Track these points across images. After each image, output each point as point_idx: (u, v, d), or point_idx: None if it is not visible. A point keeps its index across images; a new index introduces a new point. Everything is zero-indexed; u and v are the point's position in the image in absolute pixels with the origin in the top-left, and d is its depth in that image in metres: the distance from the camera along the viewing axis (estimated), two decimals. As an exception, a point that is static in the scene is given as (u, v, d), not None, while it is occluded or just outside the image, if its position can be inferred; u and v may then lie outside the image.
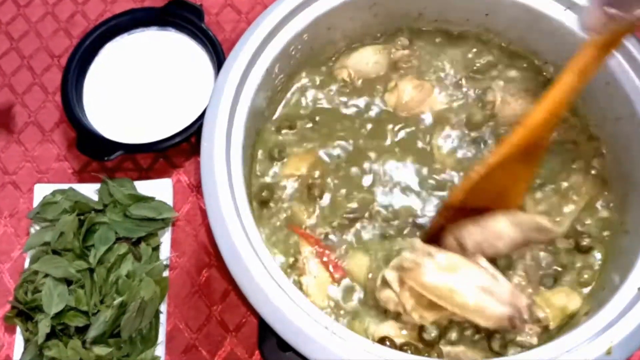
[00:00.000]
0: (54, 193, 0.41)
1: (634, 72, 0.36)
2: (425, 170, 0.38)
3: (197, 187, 0.45)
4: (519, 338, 0.33)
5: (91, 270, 0.38)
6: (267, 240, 0.36)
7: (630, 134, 0.36)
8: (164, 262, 0.40)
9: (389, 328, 0.33)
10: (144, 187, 0.43)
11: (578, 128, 0.40)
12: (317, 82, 0.41)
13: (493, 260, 0.33)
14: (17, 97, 0.49)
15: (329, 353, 0.28)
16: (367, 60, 0.41)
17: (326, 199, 0.37)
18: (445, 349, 0.33)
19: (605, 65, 0.36)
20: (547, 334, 0.33)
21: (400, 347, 0.32)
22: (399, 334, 0.33)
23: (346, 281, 0.35)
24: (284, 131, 0.40)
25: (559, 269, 0.35)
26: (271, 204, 0.37)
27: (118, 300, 0.36)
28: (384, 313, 0.34)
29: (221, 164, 0.33)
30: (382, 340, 0.32)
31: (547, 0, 0.39)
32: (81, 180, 0.45)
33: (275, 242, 0.36)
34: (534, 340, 0.33)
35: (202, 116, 0.38)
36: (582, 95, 0.39)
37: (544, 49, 0.41)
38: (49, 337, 0.36)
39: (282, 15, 0.37)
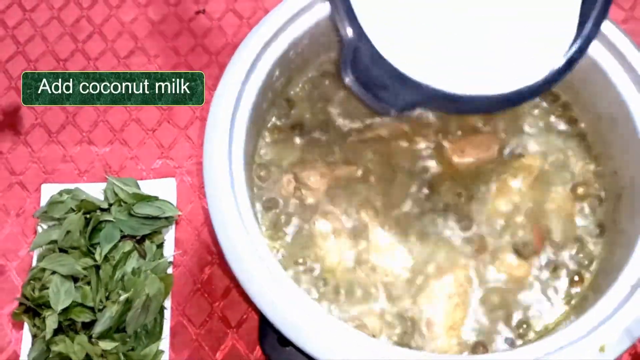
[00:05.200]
0: (60, 192, 0.42)
1: (628, 74, 0.36)
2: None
3: (199, 188, 0.46)
4: None
5: (97, 267, 0.39)
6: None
7: (625, 136, 0.37)
8: (168, 260, 0.41)
9: None
10: (147, 186, 0.43)
11: (572, 130, 0.40)
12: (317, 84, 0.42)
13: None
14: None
15: (328, 349, 0.29)
16: None
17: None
18: None
19: (601, 67, 0.37)
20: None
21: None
22: None
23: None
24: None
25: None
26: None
27: (124, 296, 0.37)
28: None
29: (223, 165, 0.33)
30: None
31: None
32: (87, 180, 0.46)
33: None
34: None
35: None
36: (577, 97, 0.40)
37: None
38: (56, 332, 0.37)
39: (284, 19, 0.38)
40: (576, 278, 0.36)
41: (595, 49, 0.37)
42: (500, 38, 0.30)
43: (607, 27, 0.37)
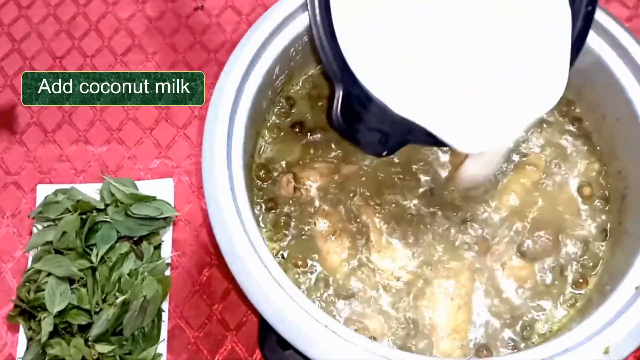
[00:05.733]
0: (56, 192, 0.42)
1: (633, 73, 0.36)
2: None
3: (198, 188, 0.45)
4: None
5: (93, 269, 0.38)
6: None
7: (629, 135, 0.36)
8: (166, 261, 0.40)
9: None
10: (145, 186, 0.43)
11: (577, 129, 0.40)
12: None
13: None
14: (20, 98, 0.49)
15: (329, 352, 0.29)
16: None
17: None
18: None
19: (606, 65, 0.37)
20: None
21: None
22: None
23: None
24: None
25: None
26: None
27: (120, 298, 0.36)
28: None
29: (222, 164, 0.33)
30: None
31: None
32: (83, 180, 0.46)
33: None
34: None
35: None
36: (581, 95, 0.40)
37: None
38: (51, 335, 0.36)
39: (283, 16, 0.37)
40: (580, 280, 0.36)
41: (600, 47, 0.37)
42: (493, 79, 0.31)
43: (611, 25, 0.37)
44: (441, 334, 0.34)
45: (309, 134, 0.40)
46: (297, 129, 0.40)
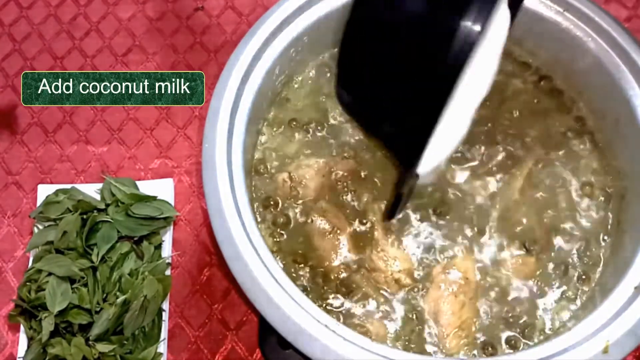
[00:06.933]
0: (56, 192, 0.42)
1: (632, 74, 0.36)
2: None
3: (198, 188, 0.45)
4: None
5: (94, 269, 0.38)
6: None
7: (629, 135, 0.36)
8: (167, 261, 0.40)
9: None
10: (145, 186, 0.43)
11: (578, 128, 0.40)
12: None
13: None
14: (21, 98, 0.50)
15: (329, 351, 0.29)
16: None
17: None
18: None
19: (605, 66, 0.37)
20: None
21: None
22: None
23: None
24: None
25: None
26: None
27: (121, 298, 0.36)
28: None
29: (222, 165, 0.33)
30: None
31: (545, 2, 0.39)
32: (84, 180, 0.46)
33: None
34: None
35: None
36: (582, 96, 0.40)
37: (541, 51, 0.41)
38: (52, 335, 0.36)
39: (283, 17, 0.37)
40: (583, 277, 0.36)
41: (599, 47, 0.37)
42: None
43: (610, 25, 0.37)
44: (446, 332, 0.34)
45: (305, 129, 0.40)
46: (296, 127, 0.40)
